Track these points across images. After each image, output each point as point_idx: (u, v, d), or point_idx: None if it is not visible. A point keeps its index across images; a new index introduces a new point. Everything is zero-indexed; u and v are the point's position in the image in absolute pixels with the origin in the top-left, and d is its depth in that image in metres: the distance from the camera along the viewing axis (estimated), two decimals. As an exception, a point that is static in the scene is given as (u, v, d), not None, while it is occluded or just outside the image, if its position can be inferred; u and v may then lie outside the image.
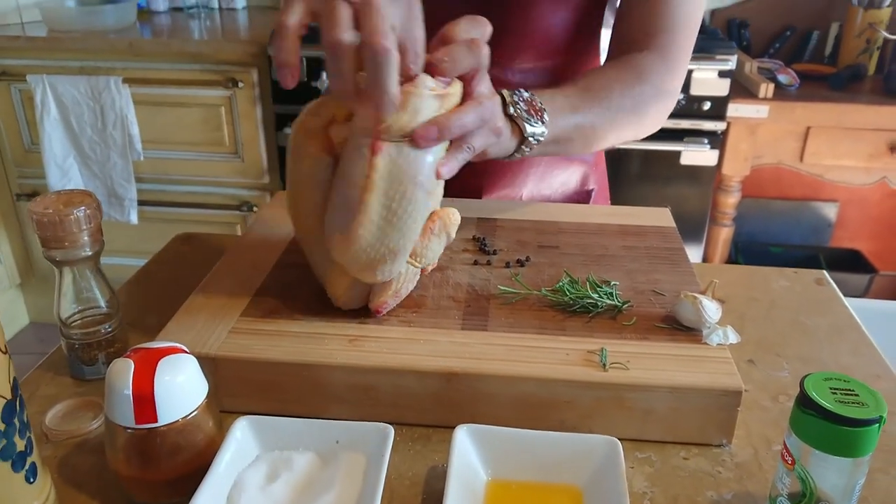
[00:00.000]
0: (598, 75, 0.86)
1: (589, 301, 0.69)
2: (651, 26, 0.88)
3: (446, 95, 0.62)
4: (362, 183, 0.60)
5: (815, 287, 0.87)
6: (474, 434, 0.57)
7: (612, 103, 0.83)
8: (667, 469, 0.60)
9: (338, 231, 0.63)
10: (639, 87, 0.85)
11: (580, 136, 0.81)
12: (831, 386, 0.49)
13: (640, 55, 0.87)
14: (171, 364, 0.53)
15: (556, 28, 0.91)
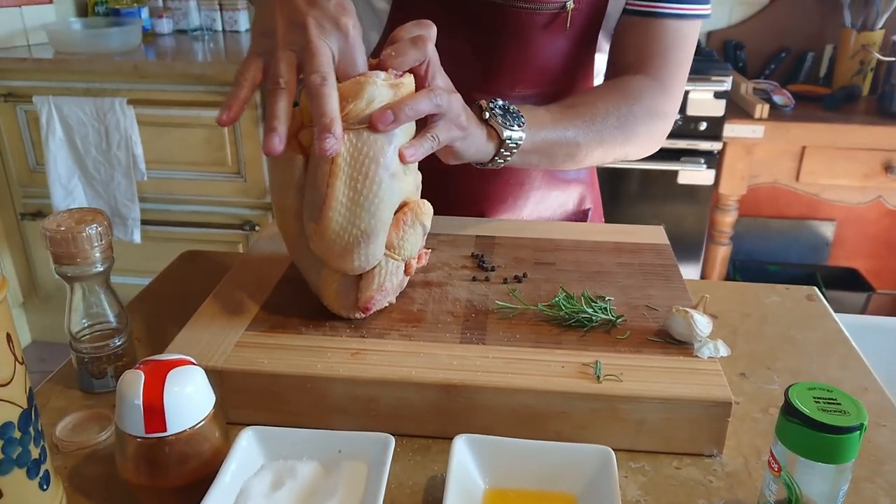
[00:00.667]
0: (584, 95, 0.89)
1: (584, 315, 0.71)
2: (645, 50, 0.90)
3: (399, 85, 0.66)
4: (328, 169, 0.64)
5: (805, 303, 0.89)
6: (472, 443, 0.58)
7: (596, 119, 0.85)
8: (659, 478, 0.61)
9: (312, 221, 0.66)
10: (626, 107, 0.88)
11: (563, 149, 0.84)
12: (815, 395, 0.51)
13: (633, 77, 0.90)
14: (180, 375, 0.55)
15: (552, 57, 0.94)
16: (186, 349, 0.66)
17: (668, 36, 0.90)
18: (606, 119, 0.86)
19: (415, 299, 0.75)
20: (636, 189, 2.30)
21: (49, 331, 2.59)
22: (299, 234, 0.69)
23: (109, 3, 2.64)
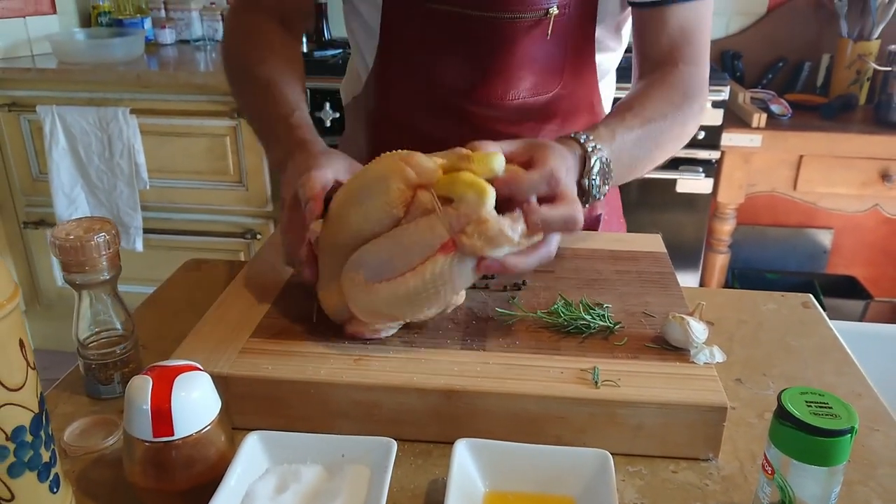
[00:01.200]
0: (655, 103, 0.88)
1: (582, 322, 0.73)
2: (672, 39, 0.91)
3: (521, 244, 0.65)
4: (413, 262, 0.65)
5: (801, 310, 0.90)
6: (473, 447, 0.60)
7: (666, 133, 0.87)
8: (656, 482, 0.62)
9: (364, 274, 0.67)
10: (687, 107, 0.89)
11: (631, 170, 0.86)
12: (807, 399, 0.52)
13: (678, 70, 0.91)
14: (186, 381, 0.57)
15: (544, 63, 0.95)
16: (192, 356, 0.67)
17: (690, 19, 0.90)
18: (674, 130, 0.88)
19: (416, 306, 0.76)
20: (635, 197, 2.32)
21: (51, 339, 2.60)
22: (339, 248, 0.70)
23: (113, 13, 2.66)
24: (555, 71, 0.96)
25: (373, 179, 0.68)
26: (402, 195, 0.66)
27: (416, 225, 0.65)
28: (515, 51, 0.93)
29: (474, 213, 0.62)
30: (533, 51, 0.93)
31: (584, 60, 0.98)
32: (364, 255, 0.68)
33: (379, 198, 0.67)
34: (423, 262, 0.64)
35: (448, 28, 0.93)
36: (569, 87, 0.99)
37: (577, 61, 0.97)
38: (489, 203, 0.62)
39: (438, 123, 0.99)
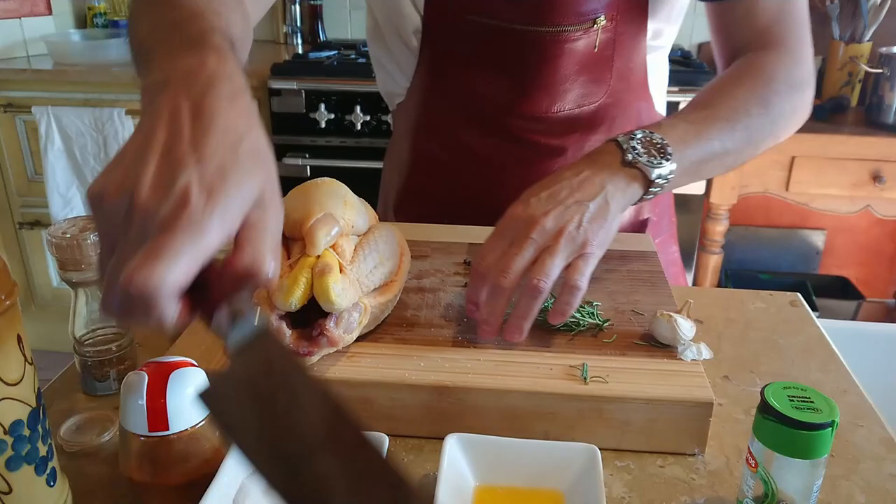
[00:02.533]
0: (720, 89, 0.81)
1: (572, 320, 0.74)
2: (756, 26, 0.84)
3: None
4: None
5: (789, 308, 0.92)
6: (463, 442, 0.61)
7: (738, 116, 0.78)
8: (644, 476, 0.64)
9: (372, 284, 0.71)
10: (766, 90, 0.80)
11: (712, 163, 0.77)
12: (789, 394, 0.53)
13: (759, 54, 0.83)
14: (181, 377, 0.57)
15: (589, 74, 0.91)
16: (187, 353, 0.68)
17: (768, 9, 0.83)
18: (749, 111, 0.78)
19: (408, 305, 0.77)
20: (629, 198, 2.33)
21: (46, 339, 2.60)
22: None
23: (108, 14, 2.67)
24: (601, 80, 0.92)
25: None
26: None
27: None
28: (559, 65, 0.89)
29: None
30: (578, 63, 0.89)
31: (633, 65, 0.94)
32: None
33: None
34: None
35: (489, 42, 0.90)
36: (616, 95, 0.95)
37: (626, 67, 0.93)
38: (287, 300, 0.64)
39: (480, 137, 0.97)
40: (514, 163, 0.97)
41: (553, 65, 0.89)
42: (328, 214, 0.69)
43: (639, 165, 0.70)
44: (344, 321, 0.65)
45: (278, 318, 0.65)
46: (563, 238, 0.66)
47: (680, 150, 0.73)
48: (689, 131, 0.75)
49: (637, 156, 0.70)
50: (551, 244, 0.66)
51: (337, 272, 0.65)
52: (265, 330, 0.43)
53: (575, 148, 0.95)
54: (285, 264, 0.67)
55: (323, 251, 0.67)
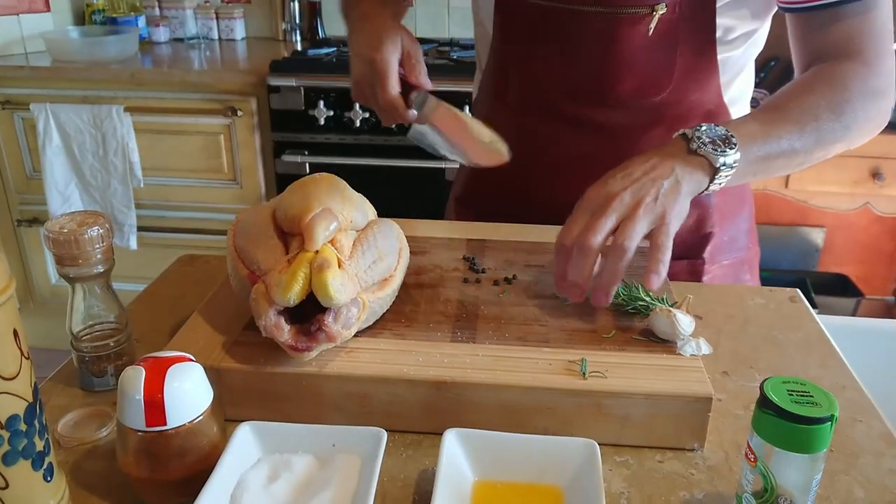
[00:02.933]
0: (792, 92, 0.83)
1: (641, 303, 0.75)
2: (837, 33, 0.84)
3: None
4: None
5: (788, 304, 0.91)
6: (462, 437, 0.60)
7: (808, 118, 0.79)
8: (643, 471, 0.63)
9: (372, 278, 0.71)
10: (839, 96, 0.81)
11: (779, 160, 0.79)
12: (789, 388, 0.53)
13: (835, 63, 0.84)
14: (179, 371, 0.57)
15: (644, 60, 0.91)
16: (185, 348, 0.67)
17: (846, 21, 0.83)
18: (819, 114, 0.80)
19: (407, 300, 0.77)
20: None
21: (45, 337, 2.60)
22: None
23: (106, 11, 2.66)
24: (663, 73, 0.91)
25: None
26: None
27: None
28: (615, 49, 0.89)
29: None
30: (634, 49, 0.89)
31: (702, 61, 0.92)
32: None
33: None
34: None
35: (549, 24, 0.92)
36: (681, 92, 0.93)
37: (692, 64, 0.92)
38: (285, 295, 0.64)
39: (543, 124, 0.99)
40: (575, 150, 0.98)
41: (608, 48, 0.90)
42: (327, 210, 0.69)
43: (704, 153, 0.74)
44: (342, 316, 0.65)
45: (276, 314, 0.65)
46: (642, 208, 0.71)
47: (746, 143, 0.76)
48: (756, 128, 0.78)
49: (702, 144, 0.74)
50: (630, 213, 0.71)
51: (335, 267, 0.65)
52: (436, 104, 0.87)
53: (637, 140, 0.94)
54: (283, 259, 0.67)
55: (321, 246, 0.67)
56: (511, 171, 0.91)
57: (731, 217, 1.04)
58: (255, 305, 0.66)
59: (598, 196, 0.73)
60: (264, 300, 0.65)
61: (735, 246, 1.06)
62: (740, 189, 1.05)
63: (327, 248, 0.67)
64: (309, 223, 0.67)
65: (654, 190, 0.72)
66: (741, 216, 1.06)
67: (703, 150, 0.74)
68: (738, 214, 1.05)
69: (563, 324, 0.74)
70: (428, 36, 2.63)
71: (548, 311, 0.76)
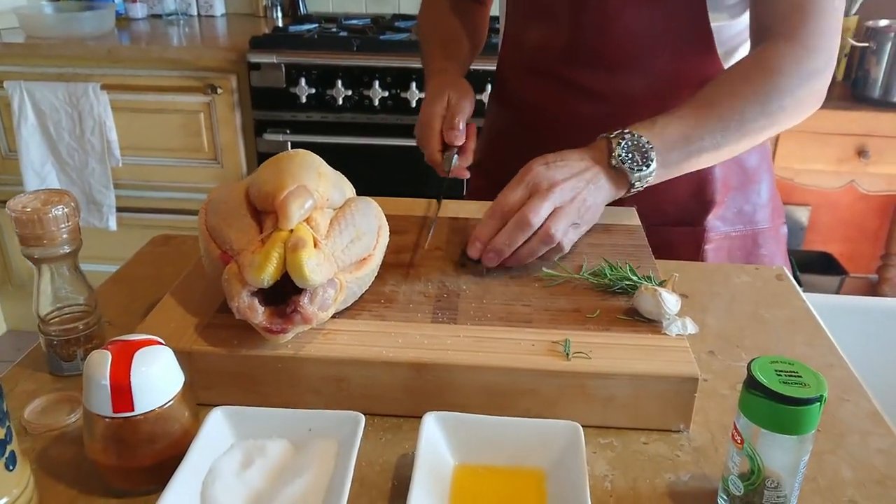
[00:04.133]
0: (722, 84, 0.84)
1: (629, 283, 0.73)
2: (778, 9, 0.85)
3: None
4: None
5: (774, 282, 0.90)
6: (442, 421, 0.59)
7: (734, 116, 0.81)
8: (627, 453, 0.62)
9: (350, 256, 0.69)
10: (770, 84, 0.82)
11: (701, 160, 0.83)
12: (777, 369, 0.52)
13: (770, 46, 0.84)
14: (147, 355, 0.55)
15: (632, 25, 0.92)
16: (156, 331, 0.65)
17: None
18: (745, 108, 0.82)
19: (387, 280, 0.75)
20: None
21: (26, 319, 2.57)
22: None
23: (82, -14, 2.60)
24: (654, 35, 0.92)
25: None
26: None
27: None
28: (604, 7, 0.91)
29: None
30: (621, 11, 0.91)
31: (694, 27, 0.92)
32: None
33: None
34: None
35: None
36: (677, 60, 0.94)
37: (684, 28, 0.92)
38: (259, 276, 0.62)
39: (549, 90, 1.02)
40: (580, 119, 0.99)
41: (594, 7, 0.93)
42: (301, 187, 0.66)
43: (622, 169, 0.80)
44: (319, 297, 0.63)
45: (250, 295, 0.62)
46: (575, 204, 0.77)
47: (665, 152, 0.80)
48: (679, 132, 0.81)
49: (621, 161, 0.79)
50: (565, 206, 0.76)
51: (311, 247, 0.63)
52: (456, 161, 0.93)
53: (625, 113, 0.91)
54: (256, 239, 0.65)
55: (296, 225, 0.64)
56: (522, 138, 0.95)
57: (740, 189, 1.04)
58: (227, 287, 0.63)
59: (543, 177, 0.77)
60: (237, 281, 0.63)
61: (745, 218, 1.06)
62: (749, 163, 1.04)
63: (302, 226, 0.65)
64: (283, 201, 0.65)
65: (585, 192, 0.78)
66: (752, 189, 1.06)
67: (622, 167, 0.79)
68: (747, 187, 1.05)
69: (546, 304, 0.72)
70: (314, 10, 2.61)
71: (531, 290, 0.74)
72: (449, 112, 0.95)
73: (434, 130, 0.94)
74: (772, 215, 1.08)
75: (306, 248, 0.62)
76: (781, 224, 1.11)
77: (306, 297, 0.62)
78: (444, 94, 0.96)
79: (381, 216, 0.75)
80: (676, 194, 0.99)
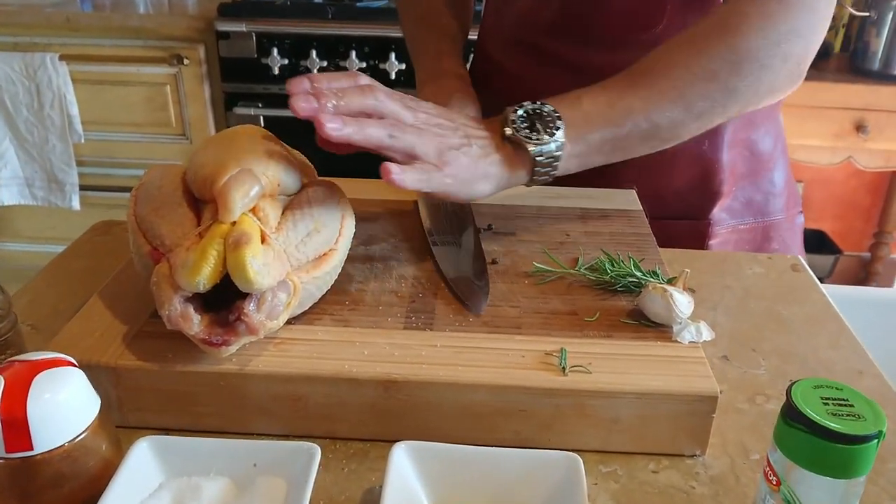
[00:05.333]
0: (670, 50, 0.70)
1: (632, 280, 0.63)
2: None
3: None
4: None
5: (790, 274, 0.81)
6: (415, 452, 0.49)
7: (675, 85, 0.67)
8: (634, 485, 0.53)
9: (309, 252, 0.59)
10: (726, 47, 0.67)
11: (635, 139, 0.68)
12: (823, 395, 0.42)
13: (728, 5, 0.69)
14: (49, 380, 0.45)
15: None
16: (76, 342, 0.55)
17: None
18: (693, 81, 0.67)
19: (353, 277, 0.65)
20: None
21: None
22: None
23: (40, -50, 2.44)
24: (653, 7, 0.81)
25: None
26: None
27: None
28: None
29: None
30: None
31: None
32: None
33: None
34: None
35: None
36: (677, 25, 0.81)
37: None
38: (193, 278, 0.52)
39: (523, 61, 0.92)
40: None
41: None
42: (246, 170, 0.56)
43: (518, 140, 0.65)
44: (267, 303, 0.53)
45: (183, 301, 0.52)
46: (437, 138, 0.62)
47: (578, 128, 0.66)
48: (598, 106, 0.67)
49: (515, 130, 0.65)
50: (425, 130, 0.62)
51: (257, 242, 0.52)
52: None
53: None
54: (193, 233, 0.54)
55: (239, 216, 0.54)
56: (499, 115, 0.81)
57: (751, 177, 0.92)
58: (156, 291, 0.53)
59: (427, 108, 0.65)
60: (168, 284, 0.52)
61: (755, 210, 0.93)
62: (761, 146, 0.92)
63: (247, 218, 0.54)
64: (223, 187, 0.54)
65: (463, 146, 0.63)
66: (765, 178, 0.93)
67: (516, 135, 0.65)
68: (760, 175, 0.92)
69: (537, 305, 0.62)
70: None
71: (519, 289, 0.65)
72: None
73: None
74: (786, 204, 0.96)
75: (250, 245, 0.51)
76: (797, 214, 0.99)
77: (252, 304, 0.52)
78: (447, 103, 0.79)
79: (346, 203, 0.65)
80: (678, 184, 0.88)
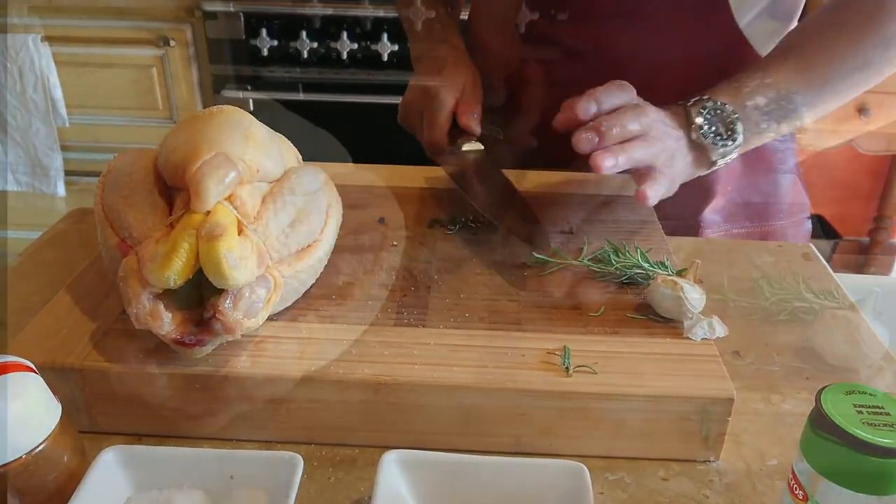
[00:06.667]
0: (812, 36, 0.73)
1: (639, 272, 0.60)
2: None
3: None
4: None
5: (801, 262, 0.77)
6: (406, 461, 0.45)
7: (834, 71, 0.72)
8: (643, 493, 0.49)
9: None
10: (871, 37, 0.71)
11: (785, 125, 0.73)
12: (855, 401, 0.39)
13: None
14: (3, 387, 0.41)
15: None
16: (40, 341, 0.51)
17: None
18: (846, 65, 0.72)
19: (340, 269, 0.61)
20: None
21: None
22: None
23: (21, -72, 2.38)
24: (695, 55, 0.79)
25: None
26: None
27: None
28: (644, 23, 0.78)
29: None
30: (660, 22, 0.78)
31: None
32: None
33: None
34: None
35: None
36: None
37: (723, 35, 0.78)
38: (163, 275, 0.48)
39: (510, 45, 0.89)
40: (549, 77, 0.86)
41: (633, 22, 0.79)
42: (221, 154, 0.52)
43: (704, 144, 0.68)
44: (244, 301, 0.48)
45: (152, 298, 0.48)
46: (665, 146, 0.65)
47: (752, 125, 0.69)
48: (768, 99, 0.69)
49: (702, 136, 0.68)
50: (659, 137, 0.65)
51: (233, 234, 0.48)
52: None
53: (607, 74, 0.75)
54: (163, 224, 0.50)
55: (214, 206, 0.49)
56: (487, 100, 0.79)
57: (750, 177, 0.87)
58: (123, 287, 0.49)
59: (642, 111, 0.65)
60: (136, 280, 0.48)
61: (754, 213, 0.89)
62: (766, 149, 0.87)
63: (222, 207, 0.50)
64: (196, 173, 0.50)
65: (673, 149, 0.66)
66: (769, 179, 0.89)
67: (703, 141, 0.68)
68: (763, 175, 0.88)
69: (538, 299, 0.58)
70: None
71: (518, 281, 0.61)
72: (473, 94, 0.78)
73: (446, 110, 0.76)
74: (791, 208, 0.91)
75: (226, 237, 0.47)
76: (804, 220, 0.94)
77: (228, 301, 0.48)
78: (461, 74, 0.79)
79: (332, 189, 0.61)
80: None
